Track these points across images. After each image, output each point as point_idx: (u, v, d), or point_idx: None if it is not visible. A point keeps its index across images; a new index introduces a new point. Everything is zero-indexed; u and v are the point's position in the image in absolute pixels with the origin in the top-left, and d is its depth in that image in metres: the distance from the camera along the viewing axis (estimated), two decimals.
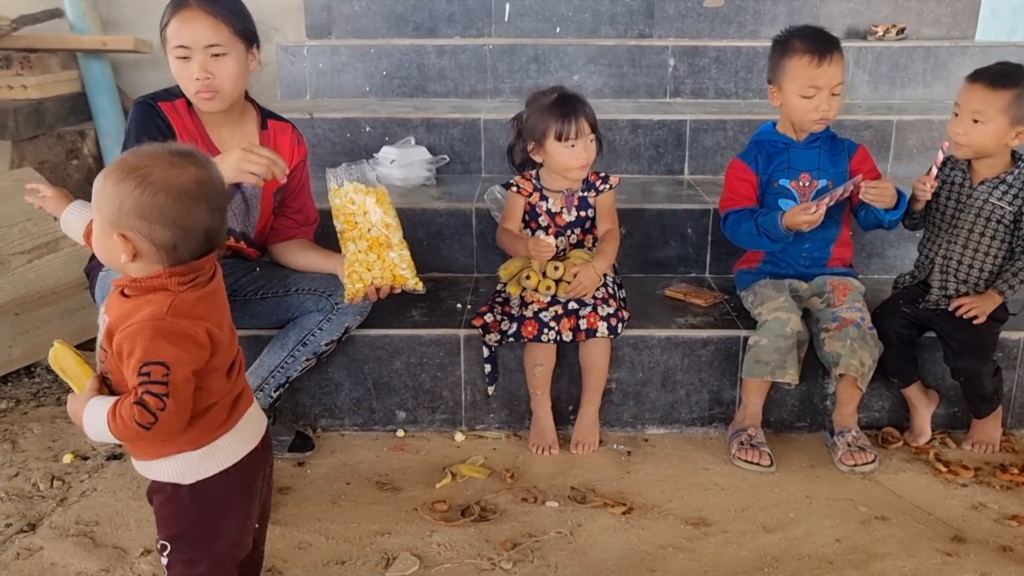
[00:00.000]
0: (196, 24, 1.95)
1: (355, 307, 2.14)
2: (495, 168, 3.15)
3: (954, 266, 2.22)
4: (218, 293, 1.35)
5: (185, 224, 1.25)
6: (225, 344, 1.32)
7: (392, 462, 2.22)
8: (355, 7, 3.80)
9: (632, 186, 2.99)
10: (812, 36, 2.26)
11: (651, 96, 3.57)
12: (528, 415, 2.32)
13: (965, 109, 2.12)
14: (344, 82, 3.55)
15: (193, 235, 1.27)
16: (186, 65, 1.97)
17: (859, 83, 3.58)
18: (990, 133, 2.10)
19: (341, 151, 3.14)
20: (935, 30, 3.89)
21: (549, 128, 2.21)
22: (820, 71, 2.21)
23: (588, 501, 2.02)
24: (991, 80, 2.09)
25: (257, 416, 1.43)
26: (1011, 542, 1.88)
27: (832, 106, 2.25)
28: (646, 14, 3.83)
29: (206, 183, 1.28)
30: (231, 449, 1.36)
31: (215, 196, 1.30)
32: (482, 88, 3.57)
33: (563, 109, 2.21)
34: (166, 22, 1.98)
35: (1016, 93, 2.08)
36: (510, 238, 2.34)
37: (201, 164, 1.29)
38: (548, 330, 2.19)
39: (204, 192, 1.27)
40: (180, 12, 1.96)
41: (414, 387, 2.34)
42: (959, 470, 2.15)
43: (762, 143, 2.37)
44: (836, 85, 2.23)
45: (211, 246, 1.31)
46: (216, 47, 1.96)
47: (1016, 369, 2.33)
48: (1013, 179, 2.16)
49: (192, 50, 1.95)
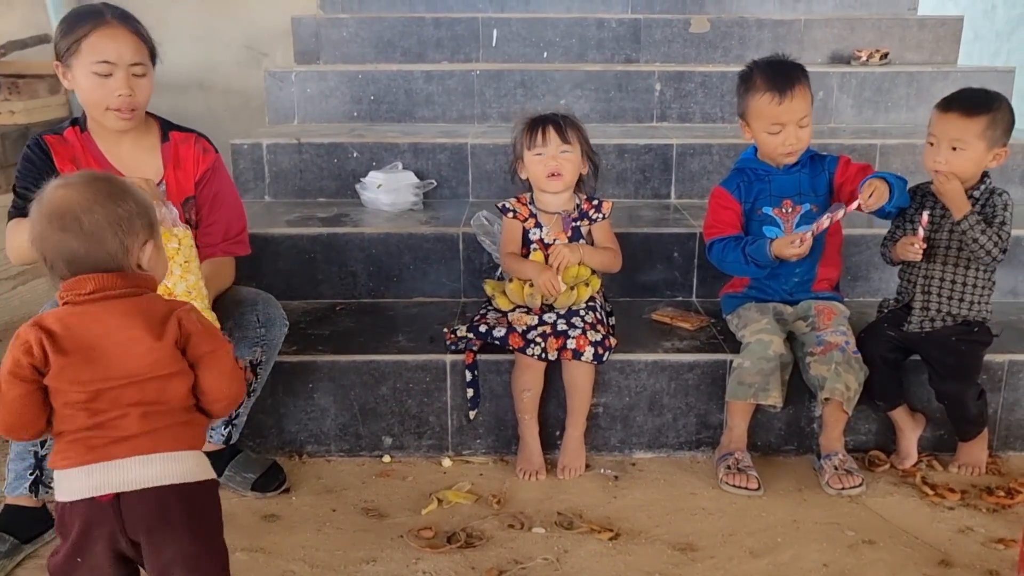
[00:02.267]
0: (121, 41, 1.93)
1: (248, 340, 2.05)
2: (483, 192, 3.17)
3: (936, 287, 2.23)
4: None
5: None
6: (77, 372, 1.31)
7: (378, 488, 2.20)
8: (343, 33, 3.82)
9: (619, 210, 2.99)
10: (773, 72, 2.25)
11: (638, 120, 3.60)
12: (515, 440, 2.31)
13: (943, 138, 2.13)
14: (332, 107, 3.57)
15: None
16: (105, 82, 1.94)
17: (843, 107, 3.62)
18: (972, 159, 2.12)
19: (328, 176, 3.15)
20: (918, 55, 3.94)
21: (522, 139, 2.27)
22: (782, 108, 2.22)
23: (575, 527, 2.01)
24: (965, 108, 2.11)
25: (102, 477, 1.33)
26: (997, 566, 1.88)
27: (800, 138, 2.26)
28: (632, 39, 3.87)
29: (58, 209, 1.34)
30: (60, 485, 1.35)
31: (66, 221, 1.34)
32: (469, 113, 3.59)
33: (534, 121, 2.28)
34: (81, 36, 1.91)
35: (991, 118, 2.10)
36: (517, 263, 2.32)
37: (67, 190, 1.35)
38: (534, 345, 2.19)
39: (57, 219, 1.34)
40: (101, 27, 1.92)
41: (400, 412, 2.33)
42: (946, 493, 2.15)
43: (744, 170, 2.39)
44: (802, 118, 2.24)
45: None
46: (139, 66, 1.96)
47: (1001, 392, 2.34)
48: (980, 194, 2.19)
49: (116, 66, 1.93)
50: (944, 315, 2.22)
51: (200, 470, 1.40)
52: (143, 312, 1.35)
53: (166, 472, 1.35)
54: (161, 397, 1.35)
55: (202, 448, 1.42)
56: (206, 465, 1.42)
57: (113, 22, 1.95)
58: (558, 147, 2.25)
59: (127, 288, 1.36)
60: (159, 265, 1.44)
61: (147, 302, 1.38)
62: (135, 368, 1.33)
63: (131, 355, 1.33)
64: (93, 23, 1.93)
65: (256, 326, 2.09)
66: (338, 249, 2.72)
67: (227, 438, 2.15)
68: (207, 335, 1.38)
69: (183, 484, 1.36)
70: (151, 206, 1.42)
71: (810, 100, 2.26)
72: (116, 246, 1.35)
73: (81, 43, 1.93)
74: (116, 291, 1.35)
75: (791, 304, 2.36)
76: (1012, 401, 2.35)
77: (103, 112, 1.98)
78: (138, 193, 1.40)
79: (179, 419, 1.38)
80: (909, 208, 2.27)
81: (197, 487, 1.38)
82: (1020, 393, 2.35)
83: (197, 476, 1.38)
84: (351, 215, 2.93)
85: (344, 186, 3.15)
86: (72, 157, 2.02)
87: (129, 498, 1.32)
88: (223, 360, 1.39)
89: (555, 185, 2.29)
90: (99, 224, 1.33)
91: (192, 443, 1.40)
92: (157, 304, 1.38)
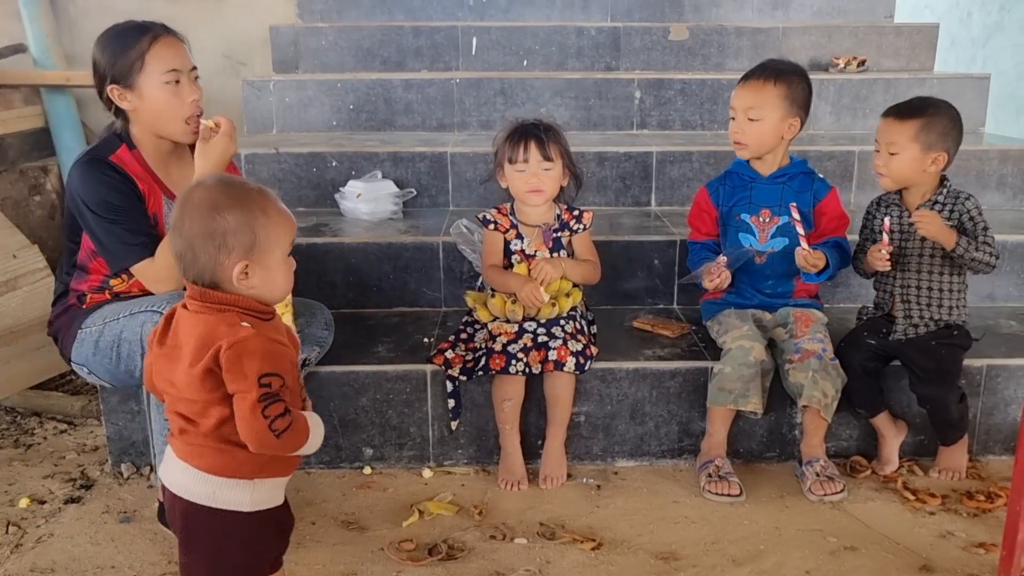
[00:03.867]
0: (180, 49, 1.98)
1: (313, 338, 2.12)
2: (463, 201, 3.16)
3: (914, 294, 2.24)
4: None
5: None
6: (160, 366, 1.42)
7: (359, 500, 2.18)
8: (322, 41, 3.81)
9: (599, 218, 2.97)
10: (757, 65, 2.34)
11: (618, 128, 3.60)
12: (497, 450, 2.30)
13: (882, 143, 2.20)
14: (311, 116, 3.55)
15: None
16: (178, 89, 1.96)
17: (822, 114, 3.64)
18: (906, 162, 2.17)
19: (307, 185, 3.13)
20: (895, 62, 3.98)
21: (504, 151, 2.26)
22: (735, 94, 2.31)
23: (557, 537, 2.00)
24: (898, 113, 2.20)
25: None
26: (978, 570, 1.88)
27: (744, 131, 2.29)
28: (612, 47, 3.88)
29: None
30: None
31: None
32: (449, 121, 3.58)
33: (516, 133, 2.26)
34: (144, 50, 1.93)
35: (923, 122, 2.15)
36: (500, 275, 2.31)
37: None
38: (516, 362, 2.18)
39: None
40: (161, 39, 1.95)
41: (381, 424, 2.31)
42: (927, 498, 2.15)
43: (731, 174, 2.41)
44: (748, 109, 2.27)
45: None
46: (195, 70, 2.01)
47: (980, 396, 2.35)
48: (944, 198, 2.22)
49: (182, 73, 1.96)
50: (927, 321, 2.23)
51: (214, 497, 1.38)
52: (202, 334, 1.33)
53: (183, 484, 1.39)
54: (196, 418, 1.37)
55: (244, 477, 1.39)
56: (225, 495, 1.38)
57: (164, 32, 1.97)
58: (539, 163, 2.24)
59: (205, 304, 1.35)
60: (264, 286, 1.38)
61: (214, 324, 1.34)
62: (180, 384, 1.36)
63: (180, 370, 1.35)
64: (150, 37, 1.95)
65: (322, 327, 2.23)
66: (317, 259, 2.70)
67: None
68: (236, 376, 1.30)
69: (191, 502, 1.38)
70: (258, 228, 1.36)
71: (770, 99, 2.26)
72: (206, 259, 1.34)
73: (145, 57, 1.93)
74: (195, 304, 1.36)
75: (770, 310, 2.36)
76: (991, 405, 2.36)
77: (180, 125, 1.98)
78: (247, 214, 1.35)
79: (211, 443, 1.37)
80: (877, 218, 2.30)
81: (204, 511, 1.38)
82: (999, 397, 2.36)
83: (203, 500, 1.38)
84: (330, 225, 2.91)
85: (323, 196, 3.13)
86: (135, 175, 1.99)
87: (169, 491, 1.42)
88: (240, 405, 1.32)
89: (535, 200, 2.29)
90: (193, 234, 1.34)
91: (222, 469, 1.38)
92: (219, 330, 1.33)
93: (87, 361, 2.02)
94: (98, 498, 2.18)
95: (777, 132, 2.29)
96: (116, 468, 2.30)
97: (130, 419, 2.28)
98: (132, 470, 2.30)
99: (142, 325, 1.91)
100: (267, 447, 1.33)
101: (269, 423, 1.30)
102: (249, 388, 1.30)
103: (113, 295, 2.05)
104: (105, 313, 2.00)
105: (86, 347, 2.00)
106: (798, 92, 2.28)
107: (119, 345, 1.96)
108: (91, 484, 2.25)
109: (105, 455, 2.35)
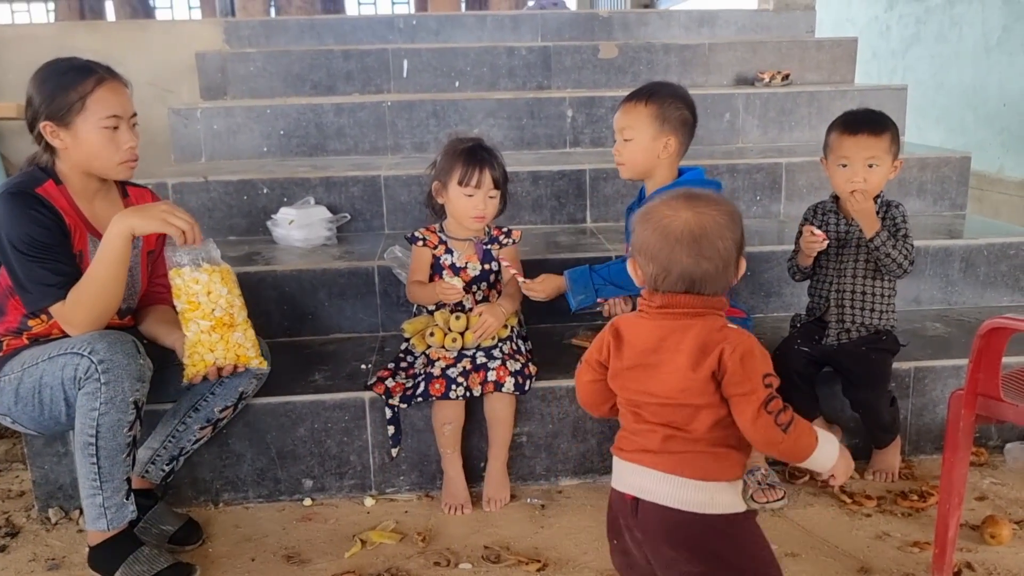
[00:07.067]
0: (122, 94, 1.97)
1: (251, 370, 2.07)
2: (398, 224, 3.14)
3: (848, 300, 2.29)
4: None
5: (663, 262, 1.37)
6: (626, 380, 1.44)
7: (300, 533, 2.14)
8: (250, 67, 3.77)
9: (536, 236, 3.02)
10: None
11: (551, 147, 3.63)
12: (439, 474, 2.27)
13: (856, 158, 2.20)
14: (240, 143, 3.50)
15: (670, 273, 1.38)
16: (115, 135, 1.94)
17: (749, 127, 3.72)
18: (883, 174, 2.22)
19: (238, 214, 3.08)
20: (817, 75, 4.09)
21: (455, 170, 2.23)
22: (616, 115, 2.28)
23: (502, 560, 1.99)
24: (872, 128, 2.20)
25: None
26: (914, 569, 1.92)
27: (620, 151, 2.26)
28: (543, 67, 3.92)
29: (695, 230, 1.36)
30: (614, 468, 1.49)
31: (701, 244, 1.36)
32: (382, 145, 3.57)
33: (472, 157, 2.24)
34: (85, 93, 1.89)
35: (893, 132, 2.21)
36: (420, 289, 2.32)
37: (697, 211, 1.37)
38: (456, 386, 2.16)
39: (688, 238, 1.36)
40: (106, 83, 1.93)
41: (320, 454, 2.27)
42: (863, 500, 2.20)
43: (640, 195, 2.40)
44: (622, 129, 2.25)
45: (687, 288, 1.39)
46: (135, 117, 2.00)
47: (909, 397, 2.41)
48: (878, 206, 2.26)
49: (121, 119, 1.94)
50: (858, 326, 2.28)
51: (717, 502, 1.37)
52: (693, 337, 1.36)
53: (678, 496, 1.37)
54: (687, 425, 1.37)
55: (736, 479, 1.41)
56: (726, 499, 1.39)
57: (109, 77, 1.95)
58: (488, 191, 2.24)
59: (693, 309, 1.38)
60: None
61: (700, 327, 1.37)
62: (668, 390, 1.37)
63: (668, 377, 1.36)
64: (95, 79, 1.92)
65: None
66: (250, 288, 2.61)
67: (166, 475, 2.11)
68: (743, 378, 1.33)
69: (691, 513, 1.36)
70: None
71: (640, 119, 2.21)
72: (732, 270, 1.40)
73: (87, 100, 1.90)
74: (681, 310, 1.38)
75: None
76: (920, 406, 2.42)
77: (114, 166, 1.96)
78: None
79: (702, 448, 1.38)
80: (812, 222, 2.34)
81: (713, 519, 1.37)
82: (928, 398, 2.42)
83: (706, 508, 1.37)
84: (263, 253, 2.87)
85: (255, 223, 3.08)
86: (62, 209, 1.93)
87: (646, 506, 1.40)
88: (745, 407, 1.34)
89: (477, 225, 2.30)
90: (729, 249, 1.38)
91: (718, 474, 1.38)
92: (708, 332, 1.36)
93: (9, 411, 1.95)
94: (24, 546, 2.10)
95: (650, 151, 2.22)
96: (43, 513, 2.22)
97: (56, 462, 2.20)
98: (60, 515, 2.21)
99: (62, 368, 1.84)
100: (770, 444, 1.36)
101: (774, 418, 1.33)
102: (754, 388, 1.34)
103: (31, 339, 1.98)
104: (24, 358, 1.92)
105: (7, 396, 1.93)
106: (671, 112, 2.21)
107: (40, 391, 1.89)
108: (17, 531, 2.16)
109: (31, 500, 2.26)
